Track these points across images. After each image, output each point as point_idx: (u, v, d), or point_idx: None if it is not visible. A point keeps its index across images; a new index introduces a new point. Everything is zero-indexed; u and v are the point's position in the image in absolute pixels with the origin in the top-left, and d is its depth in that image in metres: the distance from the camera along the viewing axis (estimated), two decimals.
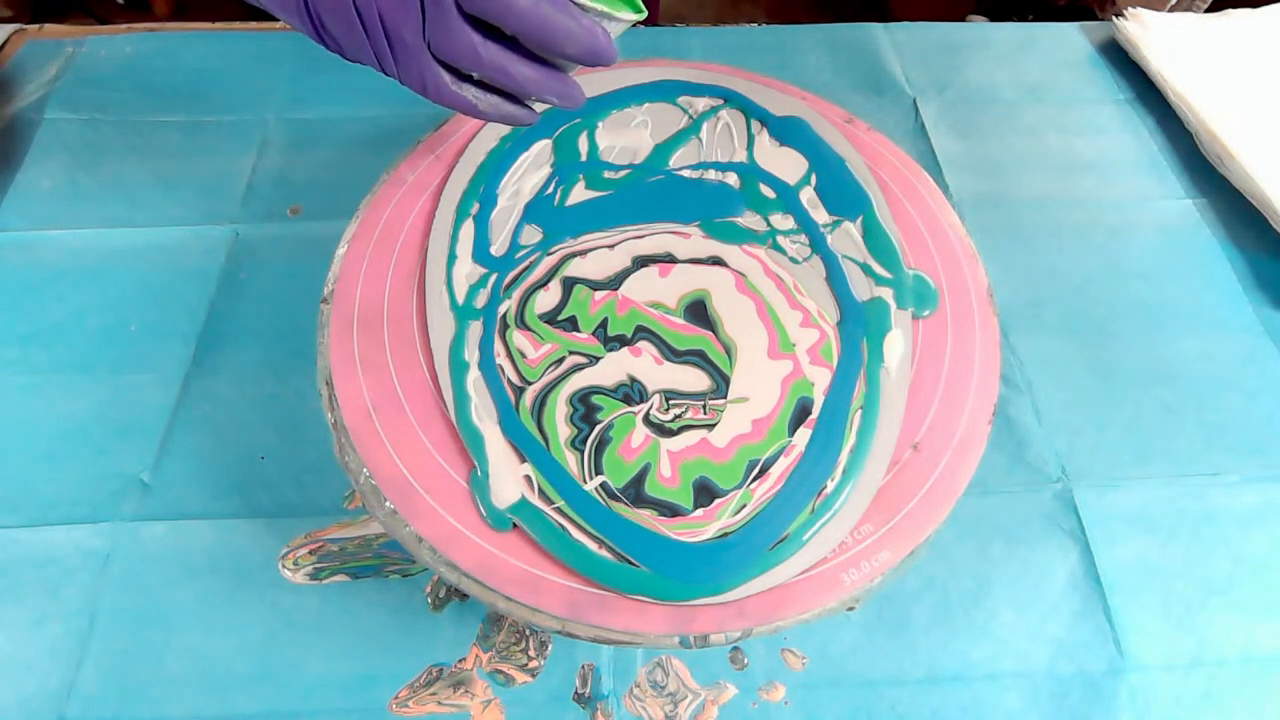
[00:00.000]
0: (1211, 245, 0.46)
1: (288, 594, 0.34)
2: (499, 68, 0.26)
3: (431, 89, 0.27)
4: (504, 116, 0.28)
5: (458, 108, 0.27)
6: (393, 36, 0.25)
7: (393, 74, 0.27)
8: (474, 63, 0.26)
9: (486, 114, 0.28)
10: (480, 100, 0.27)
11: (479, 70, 0.26)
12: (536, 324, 0.34)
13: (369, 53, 0.26)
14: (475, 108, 0.27)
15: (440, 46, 0.25)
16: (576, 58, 0.26)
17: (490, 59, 0.26)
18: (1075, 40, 0.57)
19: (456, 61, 0.26)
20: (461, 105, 0.27)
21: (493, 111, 0.28)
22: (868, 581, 0.29)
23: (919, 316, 0.35)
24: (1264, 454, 0.39)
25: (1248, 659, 0.34)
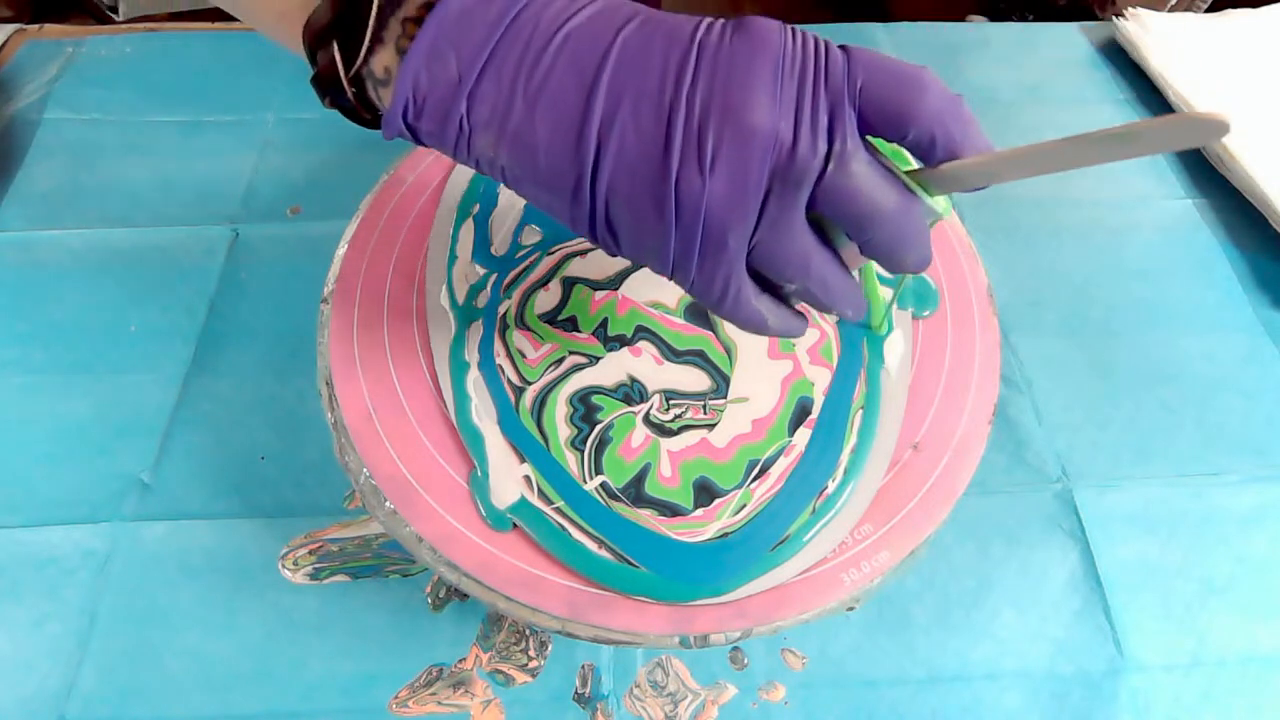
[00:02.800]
0: (1211, 245, 0.46)
1: (288, 594, 0.34)
2: (823, 280, 0.21)
3: (731, 299, 0.21)
4: (787, 330, 0.24)
5: (745, 323, 0.22)
6: (712, 237, 0.20)
7: (686, 277, 0.21)
8: (799, 272, 0.21)
9: (770, 330, 0.23)
10: (772, 316, 0.22)
11: (803, 281, 0.21)
12: (536, 324, 0.34)
13: (667, 254, 0.20)
14: (764, 324, 0.22)
15: (768, 254, 0.20)
16: (912, 268, 0.21)
17: (818, 269, 0.21)
18: (1075, 40, 0.57)
19: (779, 270, 0.21)
20: (752, 321, 0.22)
21: (779, 327, 0.23)
22: (868, 581, 0.29)
23: (919, 317, 0.35)
24: (1264, 454, 0.39)
25: (1248, 659, 0.34)
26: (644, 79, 0.19)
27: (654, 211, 0.19)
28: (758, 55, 0.19)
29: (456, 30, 0.20)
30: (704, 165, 0.19)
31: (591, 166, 0.20)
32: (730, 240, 0.20)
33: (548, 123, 0.20)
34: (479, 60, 0.20)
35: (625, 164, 0.19)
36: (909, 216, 0.20)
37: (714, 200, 0.19)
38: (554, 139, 0.20)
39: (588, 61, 0.19)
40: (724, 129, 0.18)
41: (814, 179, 0.19)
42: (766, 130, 0.18)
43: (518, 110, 0.20)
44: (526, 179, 0.21)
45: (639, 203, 0.20)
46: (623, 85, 0.19)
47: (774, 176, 0.19)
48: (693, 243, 0.20)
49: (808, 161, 0.18)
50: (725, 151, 0.18)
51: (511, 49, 0.20)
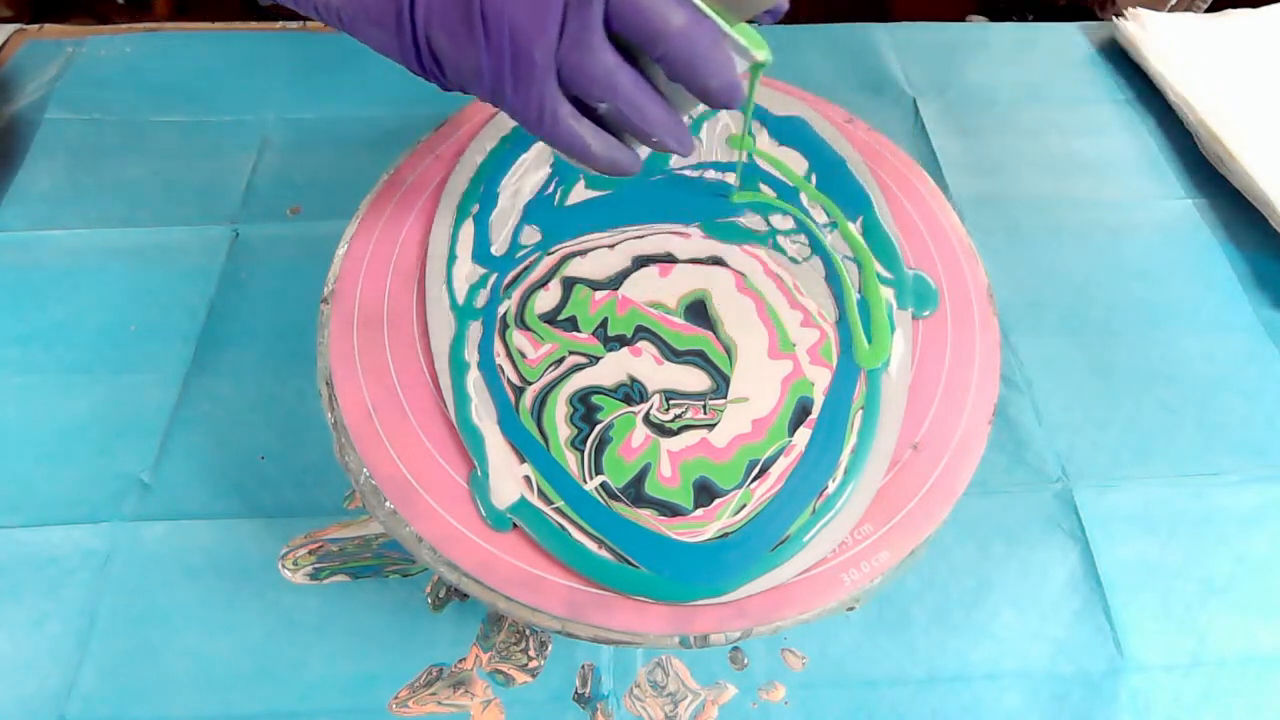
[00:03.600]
0: (1211, 245, 0.46)
1: (288, 594, 0.34)
2: (632, 100, 0.23)
3: (549, 119, 0.23)
4: (612, 163, 0.25)
5: (568, 145, 0.24)
6: (521, 53, 0.21)
7: (505, 99, 0.23)
8: (608, 90, 0.22)
9: (597, 156, 0.24)
10: (595, 140, 0.24)
11: (612, 99, 0.22)
12: (536, 324, 0.34)
13: (482, 75, 0.22)
14: (588, 148, 0.24)
15: (574, 69, 0.22)
16: (716, 93, 0.23)
17: (627, 88, 0.22)
18: (1075, 40, 0.57)
19: (588, 88, 0.22)
20: (574, 143, 0.24)
21: (604, 154, 0.24)
22: (868, 581, 0.29)
23: (919, 317, 0.35)
24: (1264, 454, 0.39)
25: (1248, 659, 0.34)
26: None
27: (465, 32, 0.21)
28: None
29: None
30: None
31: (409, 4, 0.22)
32: (536, 55, 0.21)
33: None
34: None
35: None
36: (699, 34, 0.22)
37: (516, 16, 0.21)
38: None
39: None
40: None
41: None
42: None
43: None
44: (359, 18, 0.23)
45: (452, 26, 0.22)
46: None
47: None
48: (503, 60, 0.22)
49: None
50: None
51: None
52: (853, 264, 0.36)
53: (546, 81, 0.22)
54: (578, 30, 0.21)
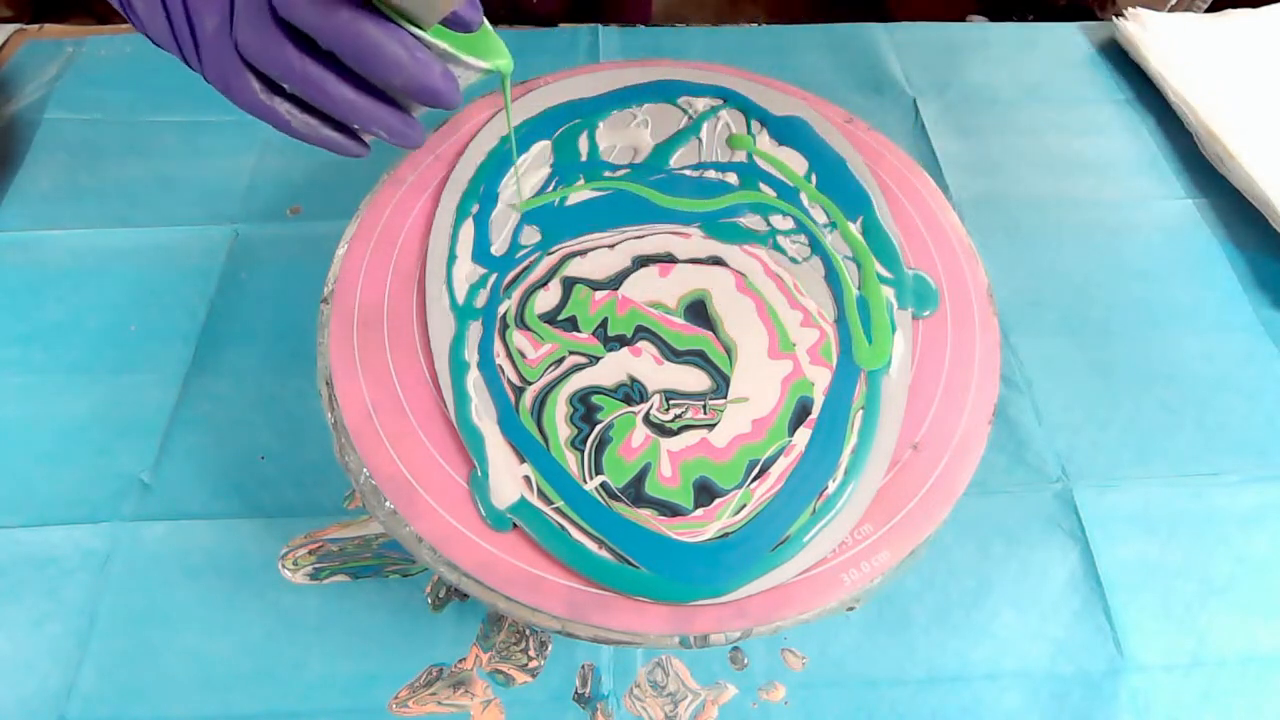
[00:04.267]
0: (1211, 245, 0.46)
1: (288, 594, 0.34)
2: (314, 84, 0.23)
3: (236, 93, 0.23)
4: (323, 141, 0.25)
5: (267, 120, 0.24)
6: (195, 24, 0.22)
7: (196, 68, 0.24)
8: (284, 72, 0.22)
9: (301, 134, 0.25)
10: (294, 118, 0.24)
11: (290, 83, 0.23)
12: (536, 324, 0.34)
13: (172, 41, 0.23)
14: (287, 124, 0.24)
15: (247, 48, 0.22)
16: (406, 92, 0.23)
17: (304, 72, 0.22)
18: (1075, 40, 0.57)
19: (265, 68, 0.22)
20: (271, 119, 0.24)
21: (308, 133, 0.25)
22: (868, 581, 0.29)
23: (919, 316, 0.35)
24: (1264, 454, 0.39)
25: (1248, 659, 0.34)
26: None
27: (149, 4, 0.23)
28: None
29: None
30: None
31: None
32: (209, 27, 0.22)
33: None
34: None
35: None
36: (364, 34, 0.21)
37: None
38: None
39: None
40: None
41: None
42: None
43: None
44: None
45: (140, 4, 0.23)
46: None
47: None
48: (184, 31, 0.23)
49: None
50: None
51: None
52: (853, 264, 0.36)
53: (225, 56, 0.23)
54: (245, 10, 0.22)
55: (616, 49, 0.53)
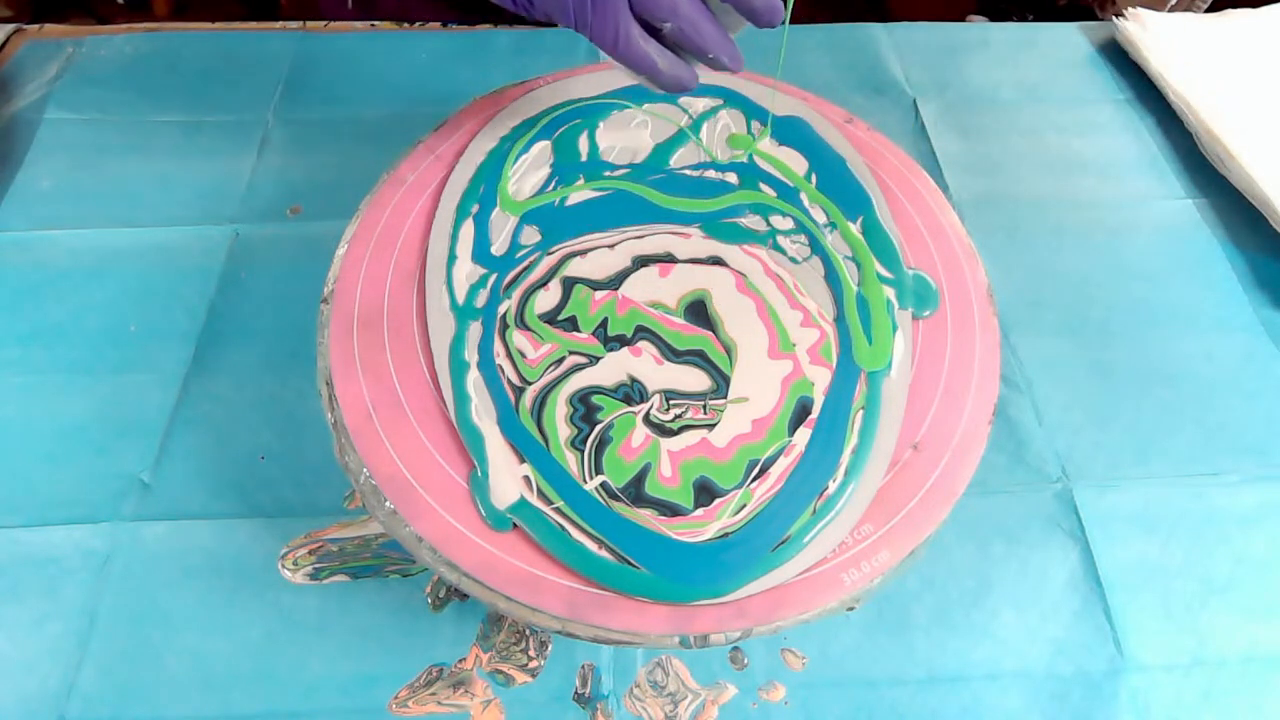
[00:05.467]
0: (1211, 245, 0.46)
1: (288, 594, 0.34)
2: (692, 20, 0.28)
3: (623, 41, 0.28)
4: (676, 80, 0.30)
5: (639, 63, 0.29)
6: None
7: (585, 25, 0.28)
8: (669, 11, 0.28)
9: (663, 73, 0.30)
10: (661, 58, 0.29)
11: (675, 20, 0.28)
12: (536, 324, 0.34)
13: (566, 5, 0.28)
14: (655, 65, 0.29)
15: None
16: (760, 12, 0.28)
17: (685, 8, 0.28)
18: (1075, 40, 0.57)
19: (654, 10, 0.28)
20: (644, 61, 0.29)
21: (669, 71, 0.30)
22: (868, 581, 0.29)
23: (919, 317, 0.35)
24: (1264, 454, 0.39)
25: (1248, 659, 0.34)
26: None
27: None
28: None
29: None
30: None
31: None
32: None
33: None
34: None
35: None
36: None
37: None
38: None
39: None
40: None
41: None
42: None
43: None
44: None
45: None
46: None
47: None
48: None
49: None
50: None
51: None
52: (853, 264, 0.36)
53: (621, 8, 0.28)
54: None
55: None
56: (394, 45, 0.54)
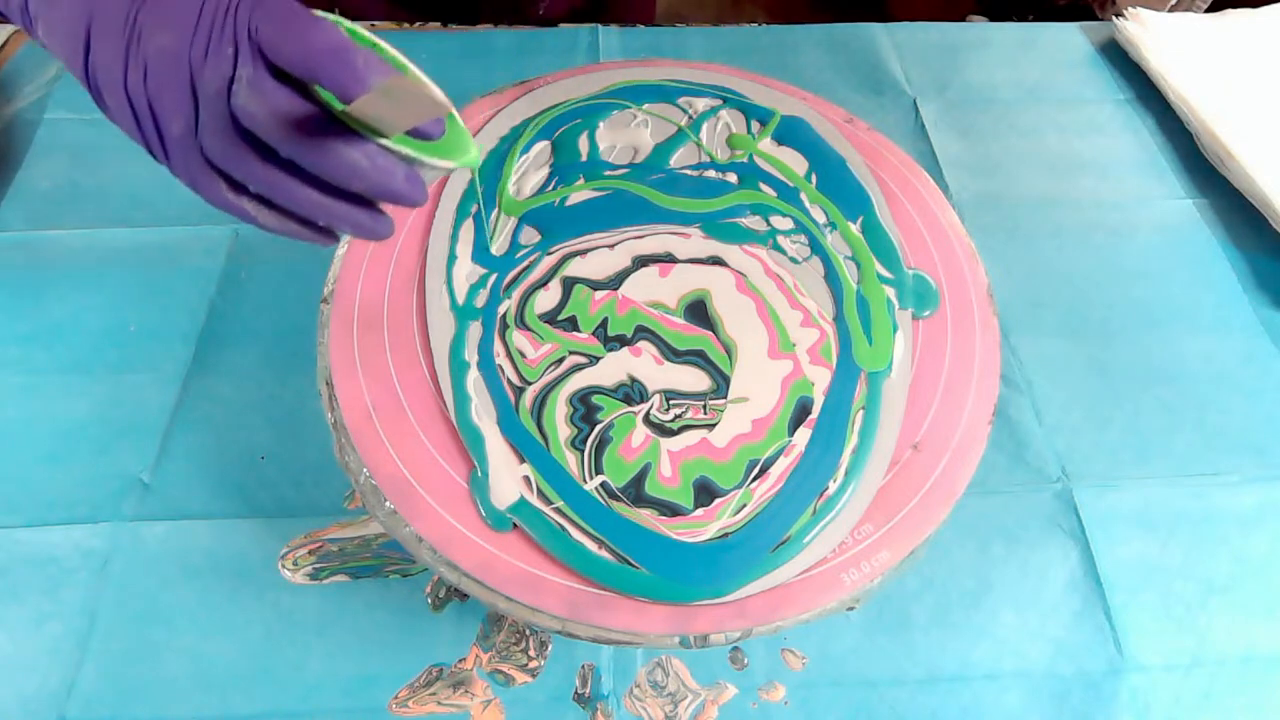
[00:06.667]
0: (1211, 245, 0.46)
1: (288, 594, 0.34)
2: (278, 189, 0.23)
3: (203, 190, 0.24)
4: (292, 234, 0.25)
5: (236, 215, 0.24)
6: (161, 128, 0.23)
7: (163, 163, 0.24)
8: (248, 178, 0.23)
9: (270, 228, 0.25)
10: (260, 214, 0.24)
11: (254, 187, 0.23)
12: (536, 324, 0.34)
13: (140, 138, 0.24)
14: (255, 220, 0.24)
15: (212, 153, 0.23)
16: (369, 196, 0.24)
17: (268, 179, 0.23)
18: (1075, 40, 0.57)
19: (230, 173, 0.23)
20: (239, 215, 0.24)
21: (278, 227, 0.25)
22: (868, 581, 0.29)
23: (919, 317, 0.35)
24: (1264, 454, 0.39)
25: (1248, 659, 0.34)
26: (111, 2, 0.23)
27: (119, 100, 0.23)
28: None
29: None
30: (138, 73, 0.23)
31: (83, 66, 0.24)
32: (175, 132, 0.23)
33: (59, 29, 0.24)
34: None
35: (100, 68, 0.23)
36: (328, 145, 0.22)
37: (153, 99, 0.23)
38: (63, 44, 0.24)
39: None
40: (148, 48, 0.23)
41: (225, 94, 0.22)
42: (177, 51, 0.22)
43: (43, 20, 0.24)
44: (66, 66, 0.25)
45: (110, 94, 0.23)
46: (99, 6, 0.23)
47: (194, 87, 0.22)
48: (152, 132, 0.23)
49: (212, 78, 0.22)
50: (151, 66, 0.23)
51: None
52: (853, 264, 0.36)
53: (191, 157, 0.23)
54: (208, 119, 0.22)
55: (616, 49, 0.53)
56: (394, 45, 0.53)
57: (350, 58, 0.22)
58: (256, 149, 0.23)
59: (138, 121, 0.23)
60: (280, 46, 0.22)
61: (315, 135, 0.22)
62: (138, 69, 0.23)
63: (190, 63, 0.22)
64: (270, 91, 0.22)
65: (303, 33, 0.22)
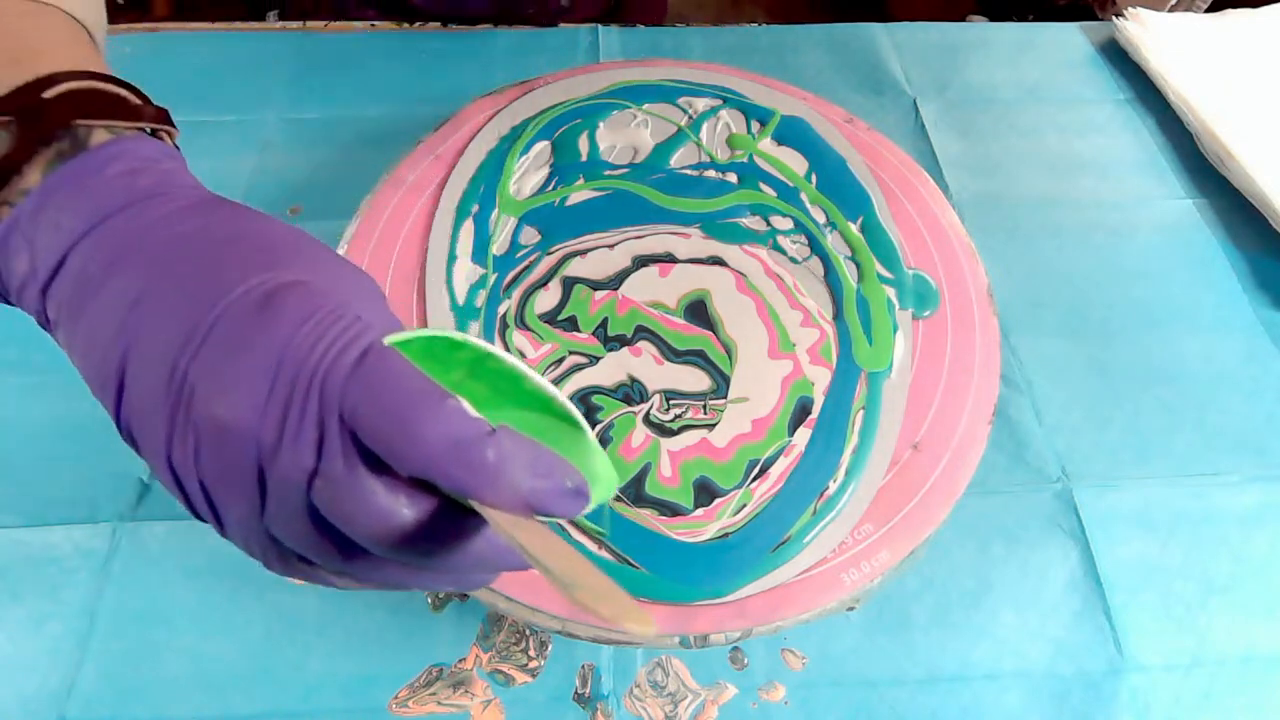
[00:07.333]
0: (1211, 245, 0.46)
1: (288, 594, 0.34)
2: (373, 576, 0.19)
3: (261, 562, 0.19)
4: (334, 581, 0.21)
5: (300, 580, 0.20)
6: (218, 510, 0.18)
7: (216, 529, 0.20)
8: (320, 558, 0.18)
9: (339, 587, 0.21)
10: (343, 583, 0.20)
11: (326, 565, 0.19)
12: (536, 324, 0.34)
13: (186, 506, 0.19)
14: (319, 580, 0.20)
15: (285, 539, 0.18)
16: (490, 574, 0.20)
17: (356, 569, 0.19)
18: (1075, 40, 0.57)
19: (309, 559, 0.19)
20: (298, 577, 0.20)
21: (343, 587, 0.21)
22: (868, 581, 0.29)
23: (919, 317, 0.35)
24: (1264, 454, 0.39)
25: (1248, 659, 0.34)
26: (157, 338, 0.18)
27: (163, 470, 0.18)
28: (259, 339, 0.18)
29: (37, 227, 0.20)
30: (186, 446, 0.18)
31: (115, 408, 0.19)
32: (233, 515, 0.18)
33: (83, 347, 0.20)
34: (49, 263, 0.20)
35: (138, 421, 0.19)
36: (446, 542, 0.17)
37: (206, 478, 0.18)
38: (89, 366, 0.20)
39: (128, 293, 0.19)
40: (202, 418, 0.17)
41: (304, 490, 0.17)
42: (245, 428, 0.17)
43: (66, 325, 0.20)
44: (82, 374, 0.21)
45: (152, 459, 0.19)
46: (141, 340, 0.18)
47: (263, 472, 0.17)
48: (203, 511, 0.19)
49: (289, 472, 0.17)
50: (205, 441, 0.18)
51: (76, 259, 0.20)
52: (853, 264, 0.36)
53: (253, 536, 0.19)
54: (276, 508, 0.18)
55: (616, 49, 0.53)
56: (394, 45, 0.54)
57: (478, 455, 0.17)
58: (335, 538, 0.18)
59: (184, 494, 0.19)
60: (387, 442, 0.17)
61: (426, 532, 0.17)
62: (185, 441, 0.18)
63: (259, 445, 0.17)
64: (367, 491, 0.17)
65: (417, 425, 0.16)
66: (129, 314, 0.19)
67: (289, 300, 0.18)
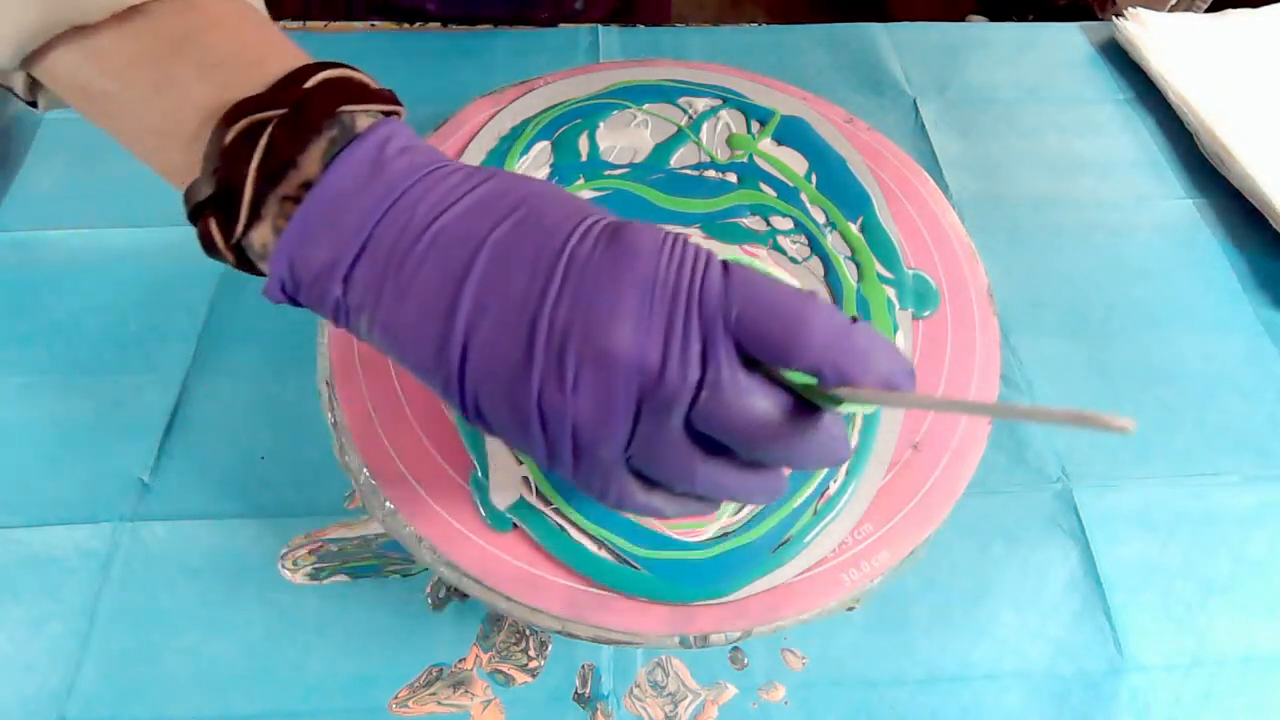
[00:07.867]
0: (1211, 245, 0.46)
1: (288, 594, 0.34)
2: (712, 485, 0.20)
3: (615, 499, 0.20)
4: (687, 515, 0.23)
5: (641, 514, 0.22)
6: (584, 450, 0.19)
7: (563, 474, 0.20)
8: (683, 482, 0.20)
9: (671, 515, 0.22)
10: (668, 505, 0.21)
11: (689, 488, 0.20)
12: None
13: (535, 454, 0.20)
14: (661, 513, 0.21)
15: (647, 461, 0.19)
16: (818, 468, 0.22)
17: (705, 478, 0.20)
18: (1075, 40, 0.57)
19: (662, 478, 0.20)
20: (647, 512, 0.21)
21: (680, 512, 0.22)
22: (868, 581, 0.29)
23: (919, 317, 0.35)
24: (1264, 454, 0.39)
25: (1248, 659, 0.34)
26: (508, 290, 0.19)
27: (519, 423, 0.19)
28: (625, 274, 0.18)
29: (332, 213, 0.20)
30: (565, 385, 0.18)
31: (458, 372, 0.19)
32: (602, 452, 0.19)
33: (413, 322, 0.19)
34: (353, 247, 0.20)
35: (490, 376, 0.19)
36: (802, 435, 0.19)
37: (580, 418, 0.18)
38: (420, 339, 0.19)
39: (455, 264, 0.19)
40: (585, 352, 0.18)
41: (686, 405, 0.18)
42: (629, 356, 0.18)
43: (386, 304, 0.20)
44: (404, 364, 0.21)
45: (504, 413, 0.19)
46: (487, 295, 0.19)
47: (642, 400, 0.18)
48: (563, 451, 0.19)
49: (676, 389, 0.18)
50: (587, 374, 0.18)
51: (384, 238, 0.20)
52: (853, 264, 0.36)
53: (613, 471, 0.20)
54: (650, 431, 0.18)
55: (616, 49, 0.53)
56: (394, 45, 0.54)
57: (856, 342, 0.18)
58: (704, 451, 0.19)
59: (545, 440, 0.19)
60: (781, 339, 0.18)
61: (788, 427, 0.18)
62: (564, 380, 0.18)
63: (641, 371, 0.18)
64: (747, 392, 0.18)
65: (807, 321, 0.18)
66: (463, 280, 0.19)
67: (630, 233, 0.19)
